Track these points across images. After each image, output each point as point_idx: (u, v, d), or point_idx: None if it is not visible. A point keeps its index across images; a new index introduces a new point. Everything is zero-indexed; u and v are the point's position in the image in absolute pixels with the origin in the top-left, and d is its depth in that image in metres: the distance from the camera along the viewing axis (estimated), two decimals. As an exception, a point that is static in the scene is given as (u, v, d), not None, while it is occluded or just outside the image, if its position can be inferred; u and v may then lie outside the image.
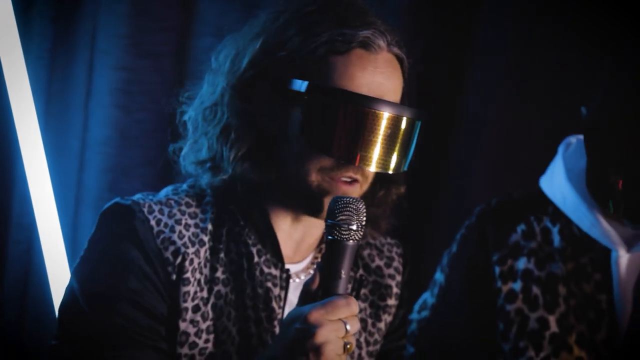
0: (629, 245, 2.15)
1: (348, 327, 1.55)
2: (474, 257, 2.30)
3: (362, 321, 1.90)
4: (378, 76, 1.70)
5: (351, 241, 1.60)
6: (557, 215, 2.24)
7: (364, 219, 1.61)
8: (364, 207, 1.61)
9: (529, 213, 2.28)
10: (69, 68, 2.77)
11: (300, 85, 1.69)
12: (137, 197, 1.75)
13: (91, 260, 1.71)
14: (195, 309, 1.70)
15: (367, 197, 1.81)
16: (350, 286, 1.76)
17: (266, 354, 1.61)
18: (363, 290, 1.92)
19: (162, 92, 2.03)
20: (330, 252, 1.60)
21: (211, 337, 1.72)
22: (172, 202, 1.76)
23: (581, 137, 2.27)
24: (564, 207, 2.22)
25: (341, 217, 1.60)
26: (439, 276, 2.39)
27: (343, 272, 1.60)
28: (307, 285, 1.62)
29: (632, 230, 2.16)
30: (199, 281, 1.72)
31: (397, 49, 1.75)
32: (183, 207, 1.77)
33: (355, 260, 1.90)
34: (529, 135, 2.96)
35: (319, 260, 1.82)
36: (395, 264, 2.00)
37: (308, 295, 1.61)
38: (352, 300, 1.57)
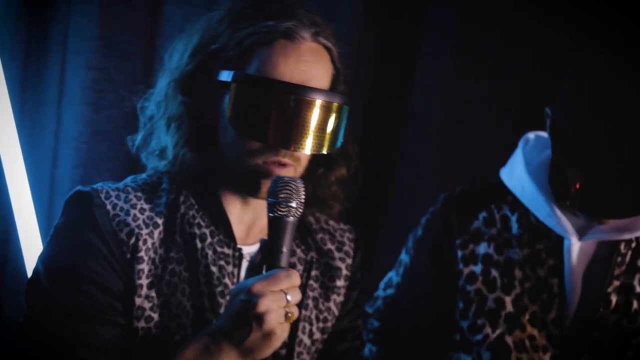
0: (580, 234, 2.18)
1: (289, 297, 1.57)
2: (438, 240, 2.32)
3: (314, 300, 1.90)
4: (301, 64, 1.70)
5: (291, 218, 1.62)
6: (516, 204, 2.26)
7: (303, 197, 1.64)
8: (302, 186, 1.65)
9: (490, 202, 2.30)
10: (42, 68, 2.70)
11: (228, 75, 1.70)
12: (98, 185, 1.76)
13: (54, 244, 1.72)
14: (150, 285, 1.71)
15: (308, 178, 1.83)
16: (301, 267, 1.87)
17: (215, 325, 1.63)
18: (315, 272, 1.91)
19: (130, 91, 1.97)
20: (272, 228, 1.63)
21: (166, 311, 1.72)
22: (129, 188, 1.77)
23: (540, 133, 2.31)
24: (523, 197, 2.23)
25: (281, 196, 1.62)
26: (404, 257, 2.42)
27: (284, 247, 1.62)
28: (252, 260, 1.65)
29: (584, 221, 2.19)
30: (153, 260, 1.72)
31: (324, 39, 1.75)
32: (139, 193, 1.77)
33: (307, 243, 1.92)
34: (471, 130, 2.98)
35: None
36: (346, 248, 1.98)
37: (253, 270, 1.64)
38: (293, 272, 1.60)
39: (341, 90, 1.82)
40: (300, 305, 1.84)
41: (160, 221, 1.75)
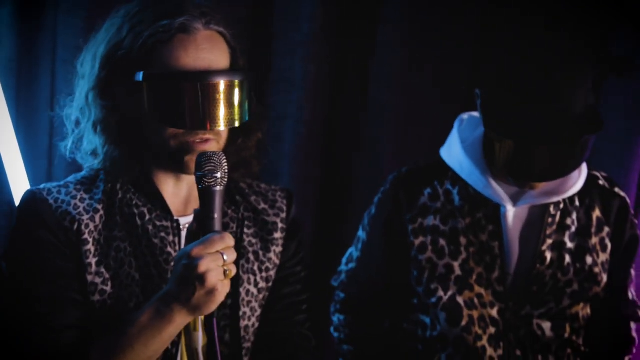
0: (514, 201, 2.26)
1: (225, 257, 1.63)
2: (390, 217, 2.38)
3: (255, 253, 1.95)
4: (200, 53, 1.74)
5: (218, 187, 1.66)
6: (456, 179, 2.33)
7: (226, 167, 1.67)
8: (224, 158, 1.67)
9: (433, 178, 2.36)
10: (34, 75, 2.72)
11: (139, 75, 1.73)
12: (43, 185, 1.83)
13: (11, 241, 1.80)
14: (98, 263, 1.77)
15: (231, 146, 1.89)
16: (235, 224, 1.91)
17: (164, 290, 1.68)
18: (252, 229, 1.96)
19: None
20: (202, 198, 1.66)
21: (117, 282, 1.78)
22: (69, 184, 1.84)
23: (472, 113, 2.38)
24: (461, 172, 2.30)
25: (207, 168, 1.65)
26: (361, 233, 2.47)
27: (215, 214, 1.65)
28: (189, 229, 1.70)
29: (517, 188, 2.26)
30: (98, 240, 1.78)
31: (215, 26, 1.79)
32: (78, 186, 1.84)
33: (238, 204, 1.96)
34: (423, 114, 3.02)
35: None
36: (279, 204, 2.02)
37: (191, 237, 1.68)
38: (226, 234, 1.64)
39: (240, 67, 1.86)
40: (241, 260, 1.91)
41: (100, 207, 1.81)
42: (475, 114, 2.37)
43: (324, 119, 2.95)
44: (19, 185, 2.65)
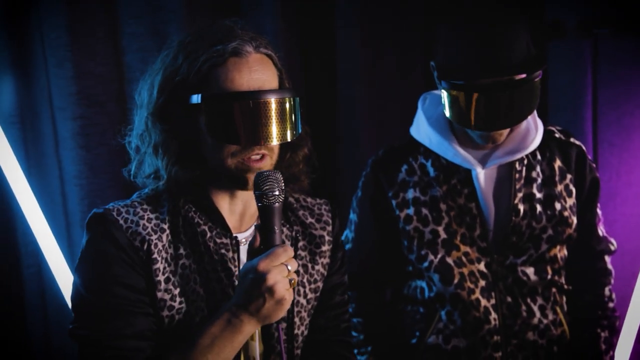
0: (483, 164, 2.28)
1: (289, 267, 1.62)
2: (375, 196, 2.39)
3: (304, 266, 1.91)
4: (253, 74, 1.71)
5: (277, 203, 1.65)
6: (428, 153, 2.34)
7: (283, 185, 1.66)
8: (280, 175, 1.67)
9: (407, 155, 2.37)
10: (36, 125, 2.75)
11: (197, 98, 1.71)
12: (110, 204, 1.78)
13: (84, 259, 1.73)
14: (167, 280, 1.73)
15: (280, 162, 1.84)
16: (289, 242, 1.86)
17: (232, 302, 1.65)
18: (301, 242, 1.91)
19: (111, 130, 2.03)
20: (263, 215, 1.65)
21: (183, 299, 1.74)
22: (136, 203, 1.78)
23: (432, 92, 2.39)
24: (431, 146, 2.31)
25: (265, 187, 1.64)
26: (352, 216, 2.47)
27: (276, 228, 1.64)
28: (251, 244, 1.67)
29: (483, 152, 2.27)
30: (165, 259, 1.74)
31: (264, 49, 1.76)
32: (145, 206, 1.78)
33: (290, 220, 1.91)
34: (389, 101, 3.03)
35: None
36: (325, 218, 1.97)
37: (253, 251, 1.66)
38: (287, 247, 1.63)
39: (288, 86, 1.83)
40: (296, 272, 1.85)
41: (165, 226, 1.76)
42: (436, 92, 2.39)
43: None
44: (39, 226, 2.66)
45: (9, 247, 2.69)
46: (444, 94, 2.18)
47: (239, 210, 1.83)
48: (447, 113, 2.19)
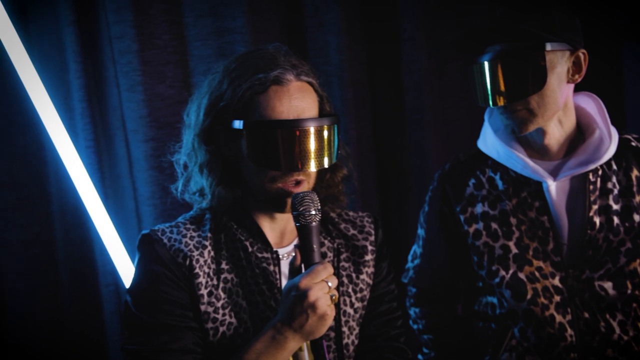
0: (554, 176, 2.13)
1: (330, 283, 1.62)
2: (442, 211, 2.28)
3: (348, 276, 1.90)
4: (293, 101, 1.72)
5: (314, 223, 1.66)
6: (496, 166, 2.21)
7: (319, 205, 1.67)
8: (316, 196, 1.67)
9: (475, 169, 2.25)
10: (111, 149, 2.71)
11: (239, 124, 1.72)
12: (156, 226, 1.82)
13: (134, 278, 1.77)
14: (209, 293, 1.74)
15: (320, 183, 1.86)
16: (331, 254, 1.85)
17: (276, 319, 1.66)
18: (344, 254, 1.90)
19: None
20: (301, 234, 1.66)
21: (227, 311, 1.75)
22: (180, 223, 1.82)
23: None
24: (499, 159, 2.18)
25: (302, 208, 1.66)
26: (420, 231, 2.37)
27: (315, 246, 1.65)
28: (292, 263, 1.68)
29: (554, 164, 2.14)
30: (208, 274, 1.76)
31: (305, 77, 1.76)
32: (188, 225, 1.82)
33: (332, 234, 1.91)
34: (455, 115, 2.95)
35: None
36: (367, 229, 1.96)
37: (294, 270, 1.67)
38: (327, 264, 1.63)
39: (328, 112, 1.83)
40: (338, 285, 1.84)
41: (207, 243, 1.79)
42: None
43: (370, 136, 2.88)
44: (115, 247, 2.61)
45: (88, 266, 2.67)
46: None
47: (279, 228, 1.85)
48: (509, 136, 2.12)
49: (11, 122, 2.61)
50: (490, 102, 2.05)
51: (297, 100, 1.73)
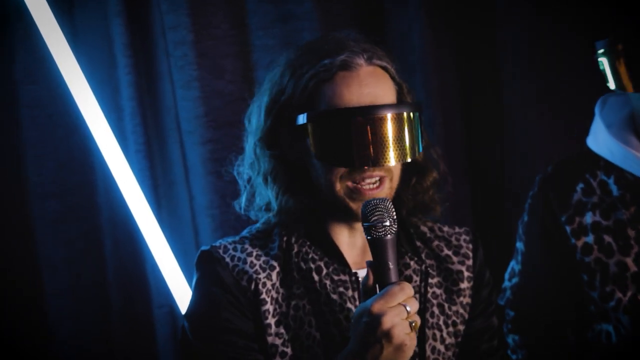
0: None
1: (408, 308, 1.50)
2: (544, 222, 2.10)
3: (439, 306, 1.77)
4: (364, 88, 1.64)
5: (389, 236, 1.55)
6: (609, 167, 2.02)
7: (394, 214, 1.56)
8: (391, 204, 1.57)
9: (583, 172, 2.06)
10: (164, 153, 2.65)
11: (303, 118, 1.65)
12: (218, 241, 1.74)
13: (192, 302, 1.71)
14: (278, 323, 1.66)
15: (405, 189, 1.76)
16: (417, 277, 1.74)
17: (347, 350, 1.55)
18: (436, 279, 1.78)
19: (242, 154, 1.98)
20: (374, 249, 1.55)
21: (297, 344, 1.66)
22: (245, 239, 1.74)
23: (611, 95, 2.10)
24: (614, 159, 1.99)
25: (374, 218, 1.55)
26: (519, 245, 2.20)
27: (390, 263, 1.54)
28: (364, 284, 1.57)
29: None
30: (276, 299, 1.68)
31: (378, 60, 1.68)
32: (254, 242, 1.73)
33: (419, 253, 1.78)
34: (557, 114, 2.76)
35: None
36: (464, 250, 1.83)
37: (367, 291, 1.55)
38: (405, 284, 1.52)
39: (408, 101, 1.73)
40: (425, 313, 1.74)
41: (276, 263, 1.69)
42: (615, 95, 2.09)
43: (460, 132, 2.75)
44: (168, 265, 2.52)
45: (140, 285, 2.62)
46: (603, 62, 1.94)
47: (359, 244, 1.75)
48: (634, 133, 1.96)
49: (55, 124, 2.60)
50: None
51: (369, 87, 1.64)
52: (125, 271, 2.61)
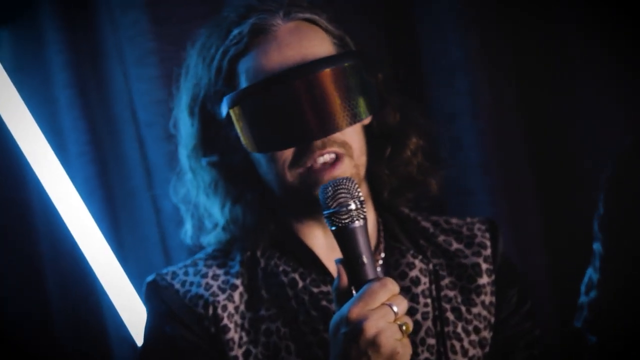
0: None
1: (395, 308, 1.40)
2: (627, 212, 1.86)
3: (455, 310, 1.69)
4: (286, 50, 1.56)
5: (357, 222, 1.45)
6: None
7: (360, 194, 1.45)
8: (354, 182, 1.46)
9: None
10: (119, 154, 2.36)
11: (224, 105, 1.59)
12: (166, 269, 1.68)
13: (143, 344, 1.66)
14: (246, 354, 1.60)
15: (379, 164, 1.69)
16: (426, 278, 1.69)
17: None
18: (448, 279, 1.69)
19: None
20: (341, 242, 1.45)
21: None
22: (198, 260, 1.69)
23: None
24: None
25: (335, 203, 1.45)
26: (596, 246, 1.92)
27: (364, 257, 1.45)
28: (336, 287, 1.47)
29: None
30: (241, 325, 1.62)
31: (300, 14, 1.61)
32: (209, 261, 1.68)
33: (425, 252, 1.72)
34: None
35: (379, 261, 1.68)
36: (479, 239, 1.74)
37: (341, 295, 1.46)
38: (388, 279, 1.41)
39: (347, 52, 1.63)
40: (441, 323, 1.66)
41: (238, 282, 1.64)
42: None
43: (513, 104, 2.42)
44: (130, 303, 2.20)
45: (96, 332, 2.34)
46: None
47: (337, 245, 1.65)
48: None
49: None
50: None
51: (293, 48, 1.55)
52: (74, 312, 2.35)
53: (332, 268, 1.64)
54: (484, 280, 1.71)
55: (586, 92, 2.38)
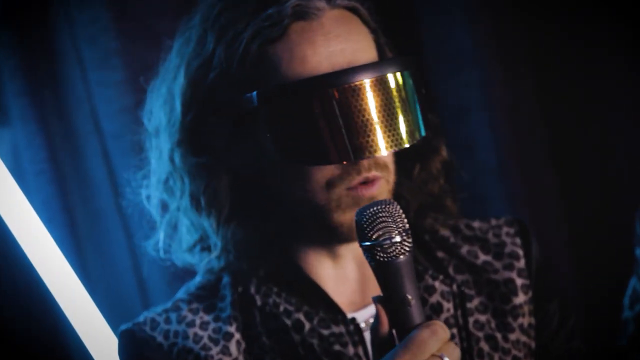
0: None
1: (446, 358, 1.29)
2: None
3: (490, 339, 1.59)
4: (334, 43, 1.44)
5: (402, 256, 1.33)
6: None
7: (405, 221, 1.33)
8: (398, 207, 1.33)
9: None
10: (81, 170, 2.23)
11: (249, 99, 1.43)
12: (142, 315, 1.54)
13: None
14: None
15: (406, 183, 1.60)
16: (449, 303, 1.61)
17: None
18: (476, 300, 1.59)
19: None
20: (384, 279, 1.34)
21: None
22: (180, 303, 1.56)
23: None
24: None
25: (377, 234, 1.32)
26: (638, 252, 1.89)
27: (410, 296, 1.34)
28: (374, 330, 1.35)
29: None
30: None
31: (344, 0, 1.50)
32: (194, 305, 1.57)
33: (445, 268, 1.62)
34: None
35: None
36: (509, 248, 1.64)
37: (382, 343, 1.34)
38: (438, 324, 1.31)
39: (396, 55, 1.56)
40: (472, 353, 1.56)
41: (232, 328, 1.53)
42: None
43: (528, 99, 2.34)
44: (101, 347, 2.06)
45: None
46: None
47: (352, 275, 1.59)
48: None
49: None
50: None
51: (340, 41, 1.43)
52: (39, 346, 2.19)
53: (344, 303, 1.54)
54: (520, 299, 1.61)
55: (615, 79, 2.33)
